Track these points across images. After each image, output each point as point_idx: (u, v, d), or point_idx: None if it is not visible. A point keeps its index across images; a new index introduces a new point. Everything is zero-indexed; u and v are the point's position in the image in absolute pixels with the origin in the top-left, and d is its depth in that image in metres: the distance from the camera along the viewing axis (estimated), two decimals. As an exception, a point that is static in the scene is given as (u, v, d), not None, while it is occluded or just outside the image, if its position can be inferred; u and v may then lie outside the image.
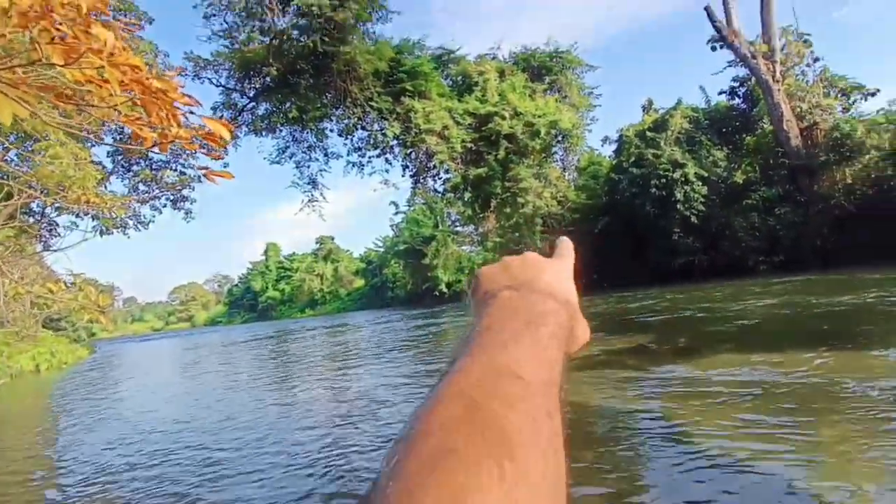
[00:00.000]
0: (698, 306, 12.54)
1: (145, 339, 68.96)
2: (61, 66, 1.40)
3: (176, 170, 23.56)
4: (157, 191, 23.71)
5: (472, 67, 25.16)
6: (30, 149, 8.90)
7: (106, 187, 22.33)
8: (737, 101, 24.94)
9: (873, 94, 21.44)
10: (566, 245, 0.55)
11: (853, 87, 21.31)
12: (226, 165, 23.87)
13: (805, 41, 20.82)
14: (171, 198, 23.72)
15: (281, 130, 25.79)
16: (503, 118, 23.75)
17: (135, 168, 23.14)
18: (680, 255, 22.68)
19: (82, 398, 11.55)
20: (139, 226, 23.34)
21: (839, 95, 20.98)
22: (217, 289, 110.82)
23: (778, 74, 19.52)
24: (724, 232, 21.68)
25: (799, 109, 20.04)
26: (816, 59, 21.19)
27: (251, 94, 25.39)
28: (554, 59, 27.65)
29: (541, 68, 27.67)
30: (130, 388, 12.65)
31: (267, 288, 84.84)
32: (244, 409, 7.39)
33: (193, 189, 23.23)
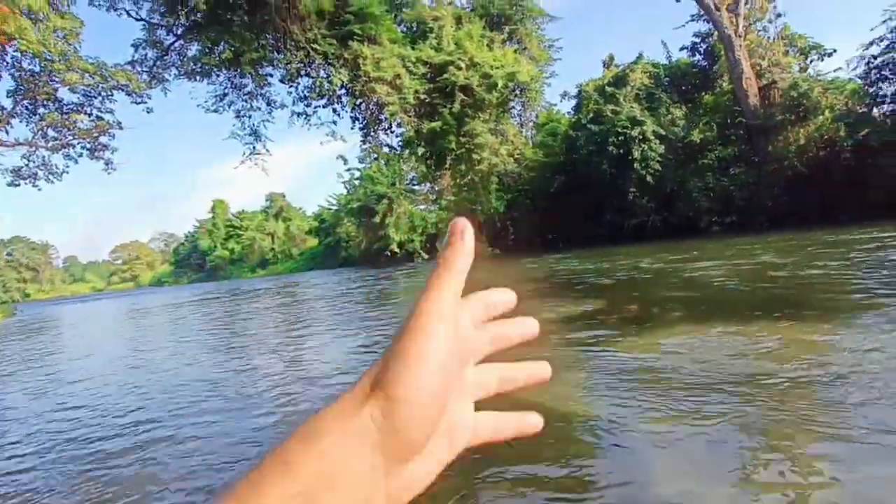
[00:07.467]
0: (649, 268, 12.25)
1: (85, 300, 64.96)
2: None
3: (91, 115, 20.94)
4: (69, 137, 21.04)
5: (427, 12, 23.31)
6: None
7: (7, 132, 19.64)
8: (697, 57, 24.29)
9: (830, 55, 21.20)
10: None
11: (812, 46, 20.95)
12: (149, 111, 21.41)
13: (770, -6, 20.10)
14: (88, 146, 21.15)
15: (218, 75, 23.29)
16: (459, 68, 22.31)
17: (41, 111, 20.36)
18: (634, 216, 22.38)
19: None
20: (51, 177, 20.85)
21: (797, 54, 20.57)
22: (163, 248, 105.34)
23: (741, 29, 18.80)
24: (678, 192, 21.43)
25: (759, 67, 19.52)
26: (779, 15, 20.58)
27: (178, 32, 22.64)
28: (514, 7, 26.40)
29: (500, 16, 26.34)
30: (49, 355, 11.08)
31: (215, 247, 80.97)
32: (187, 373, 6.90)
33: (114, 137, 20.76)
